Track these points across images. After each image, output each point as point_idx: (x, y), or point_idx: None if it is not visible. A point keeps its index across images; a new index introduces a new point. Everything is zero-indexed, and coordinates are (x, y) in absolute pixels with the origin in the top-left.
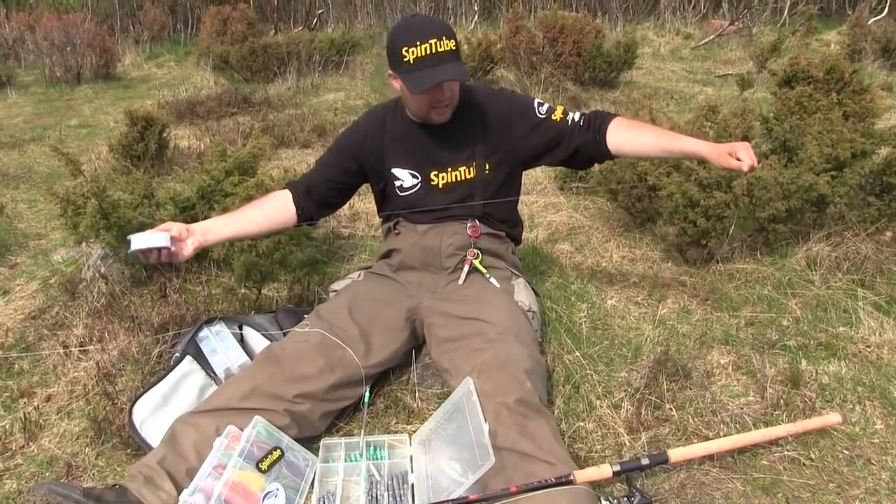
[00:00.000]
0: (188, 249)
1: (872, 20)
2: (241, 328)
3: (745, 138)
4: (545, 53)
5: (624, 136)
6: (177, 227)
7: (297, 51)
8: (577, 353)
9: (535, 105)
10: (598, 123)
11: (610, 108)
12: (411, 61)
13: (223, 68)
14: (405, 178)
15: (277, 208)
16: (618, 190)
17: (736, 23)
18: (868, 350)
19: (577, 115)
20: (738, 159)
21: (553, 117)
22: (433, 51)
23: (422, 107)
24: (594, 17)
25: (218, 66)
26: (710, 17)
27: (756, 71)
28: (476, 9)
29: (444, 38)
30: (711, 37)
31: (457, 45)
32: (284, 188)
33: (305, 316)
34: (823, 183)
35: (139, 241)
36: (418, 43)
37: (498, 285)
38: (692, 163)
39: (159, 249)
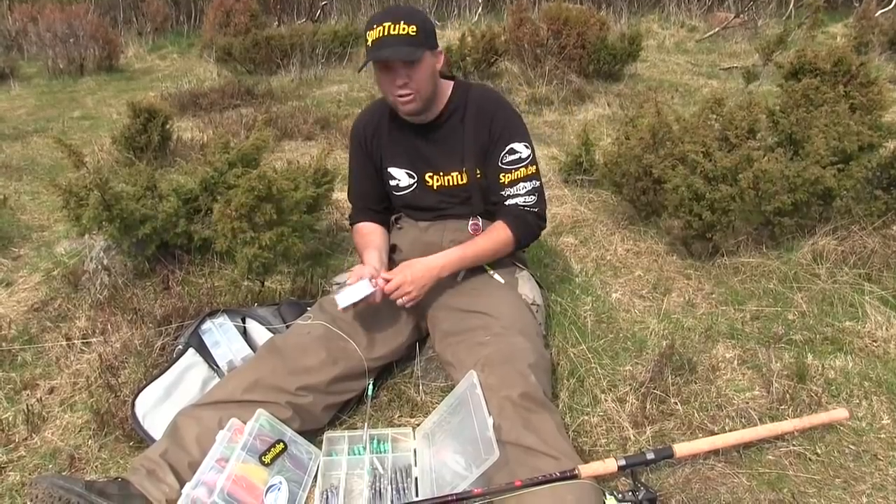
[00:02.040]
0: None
1: (879, 12)
2: (244, 320)
3: (751, 131)
4: (549, 46)
5: None
6: (368, 271)
7: (300, 43)
8: (582, 347)
9: (508, 148)
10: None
11: (614, 101)
12: (370, 44)
13: (226, 60)
14: (402, 177)
15: (382, 235)
16: (622, 183)
17: (741, 15)
18: (875, 345)
19: (516, 200)
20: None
21: (503, 177)
22: (384, 33)
23: (387, 97)
24: (598, 10)
25: (221, 58)
26: (715, 9)
27: (761, 63)
28: (480, 1)
29: (401, 22)
30: (716, 29)
31: (418, 29)
32: (355, 223)
33: (308, 308)
34: (830, 176)
35: (345, 298)
36: (374, 26)
37: (502, 281)
38: (697, 156)
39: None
